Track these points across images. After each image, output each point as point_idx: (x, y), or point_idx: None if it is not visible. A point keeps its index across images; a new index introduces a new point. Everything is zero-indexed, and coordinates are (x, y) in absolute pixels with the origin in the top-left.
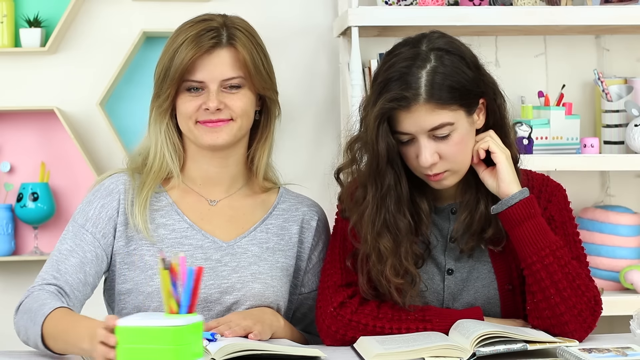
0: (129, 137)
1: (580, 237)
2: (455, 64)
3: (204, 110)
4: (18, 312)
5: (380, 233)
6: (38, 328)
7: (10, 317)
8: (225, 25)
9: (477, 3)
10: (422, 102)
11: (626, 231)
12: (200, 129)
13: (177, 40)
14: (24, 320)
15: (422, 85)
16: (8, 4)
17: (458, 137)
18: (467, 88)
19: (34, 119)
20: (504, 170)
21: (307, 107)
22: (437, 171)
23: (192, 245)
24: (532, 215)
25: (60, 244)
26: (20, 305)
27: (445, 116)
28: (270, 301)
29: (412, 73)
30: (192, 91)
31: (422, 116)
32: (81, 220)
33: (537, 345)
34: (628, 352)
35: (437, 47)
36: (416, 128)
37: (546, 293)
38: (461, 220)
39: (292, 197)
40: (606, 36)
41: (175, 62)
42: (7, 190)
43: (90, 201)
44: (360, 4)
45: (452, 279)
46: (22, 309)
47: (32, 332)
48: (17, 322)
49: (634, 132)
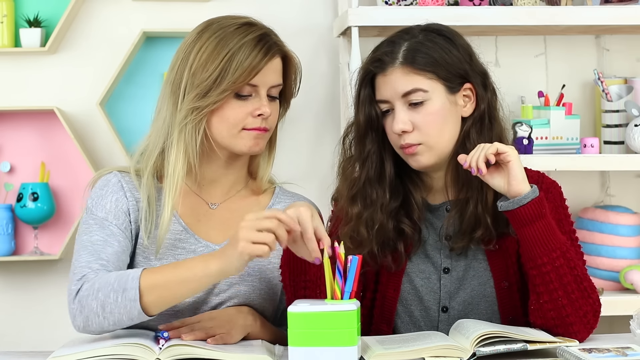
0: (129, 137)
1: (576, 234)
2: (440, 42)
3: (255, 116)
4: (82, 296)
5: (354, 198)
6: (134, 288)
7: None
8: (268, 34)
9: (477, 3)
10: (397, 65)
11: (626, 231)
12: (246, 136)
13: (229, 43)
14: (102, 294)
15: (400, 51)
16: (8, 4)
17: (432, 108)
18: (447, 62)
19: (34, 119)
20: (516, 168)
21: (307, 107)
22: (410, 141)
23: (185, 249)
24: (542, 215)
25: (89, 236)
26: (80, 290)
27: (420, 82)
28: (255, 303)
29: (396, 43)
30: (242, 98)
31: (396, 79)
32: (101, 214)
33: (537, 345)
34: (628, 352)
35: (429, 28)
36: (391, 92)
37: (554, 295)
38: (452, 216)
39: (287, 196)
40: (606, 36)
41: (237, 66)
42: (7, 190)
43: (103, 195)
44: (360, 4)
45: (449, 278)
46: (90, 289)
47: (123, 297)
48: (86, 303)
49: (634, 132)
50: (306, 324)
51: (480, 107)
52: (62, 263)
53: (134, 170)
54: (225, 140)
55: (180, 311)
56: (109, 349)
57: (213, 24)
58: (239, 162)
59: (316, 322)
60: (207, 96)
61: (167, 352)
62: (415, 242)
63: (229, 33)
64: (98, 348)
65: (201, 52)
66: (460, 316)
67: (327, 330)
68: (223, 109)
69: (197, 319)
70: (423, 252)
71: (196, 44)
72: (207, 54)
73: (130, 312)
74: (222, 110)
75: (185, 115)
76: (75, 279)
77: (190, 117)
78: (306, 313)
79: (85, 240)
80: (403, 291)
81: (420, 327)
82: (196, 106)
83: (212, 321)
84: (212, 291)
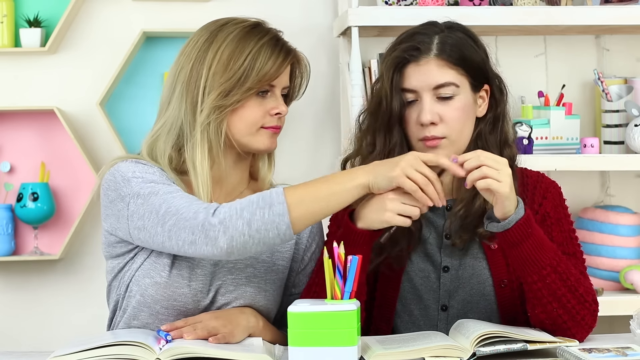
0: (129, 137)
1: (576, 233)
2: (466, 40)
3: (273, 115)
4: (224, 217)
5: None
6: (281, 202)
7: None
8: (279, 35)
9: (477, 3)
10: (432, 56)
11: (626, 231)
12: (264, 134)
13: (249, 43)
14: (247, 213)
15: (434, 43)
16: (8, 4)
17: (460, 103)
18: (475, 61)
19: (34, 119)
20: (500, 196)
21: (307, 107)
22: (435, 134)
23: None
24: (529, 234)
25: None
26: (217, 212)
27: (452, 76)
28: (260, 305)
29: (426, 34)
30: (261, 95)
31: (430, 70)
32: (156, 177)
33: (537, 345)
34: (628, 352)
35: (454, 26)
36: (422, 83)
37: (548, 307)
38: (456, 212)
39: None
40: (606, 36)
41: (261, 65)
42: (7, 190)
43: (144, 170)
44: (360, 4)
45: (448, 276)
46: (232, 210)
47: (270, 212)
48: (230, 223)
49: (634, 132)
50: (306, 324)
51: (496, 109)
52: (62, 263)
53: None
54: (244, 139)
55: (184, 311)
56: (109, 348)
57: (227, 23)
58: (244, 163)
59: (316, 322)
60: (230, 95)
61: (167, 351)
62: (416, 239)
63: (245, 34)
64: (98, 348)
65: (220, 52)
66: (460, 315)
67: (327, 330)
68: (243, 107)
69: (200, 318)
70: (423, 251)
71: (212, 44)
72: (227, 54)
73: (279, 227)
74: (243, 109)
75: (208, 114)
76: (200, 209)
77: (213, 116)
78: (306, 313)
79: (163, 192)
80: (402, 290)
81: (420, 326)
82: (219, 105)
83: (214, 320)
84: (219, 291)
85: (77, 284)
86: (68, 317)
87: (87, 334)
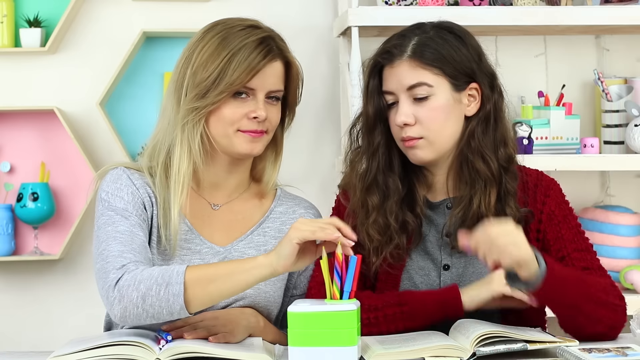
0: (129, 137)
1: (582, 227)
2: (451, 39)
3: (250, 119)
4: (122, 286)
5: (369, 188)
6: (178, 282)
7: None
8: (272, 37)
9: (477, 3)
10: (405, 58)
11: (626, 231)
12: (240, 137)
13: (230, 44)
14: (144, 286)
15: (410, 45)
16: (8, 4)
17: (436, 103)
18: (455, 60)
19: (34, 119)
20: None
21: (307, 107)
22: (411, 134)
23: (190, 249)
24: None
25: (114, 227)
26: (120, 279)
27: (425, 76)
28: (261, 306)
29: (407, 37)
30: (238, 96)
31: (403, 72)
32: (121, 204)
33: (537, 345)
34: (628, 352)
35: (441, 25)
36: (397, 85)
37: (576, 322)
38: (455, 214)
39: (289, 199)
40: (606, 36)
41: (235, 67)
42: (7, 190)
43: (119, 188)
44: (360, 4)
45: (449, 275)
46: (132, 280)
47: (166, 291)
48: (126, 293)
49: (634, 132)
50: (306, 324)
51: (486, 107)
52: (62, 263)
53: (147, 169)
54: (223, 141)
55: None
56: (109, 348)
57: (218, 24)
58: (241, 166)
59: (316, 322)
60: (205, 97)
61: (167, 351)
62: (416, 236)
63: (232, 34)
64: (98, 348)
65: (202, 52)
66: None
67: (327, 330)
68: (220, 109)
69: (200, 318)
70: (423, 249)
71: (199, 43)
72: (207, 54)
73: (172, 307)
74: (219, 110)
75: (185, 115)
76: (115, 268)
77: (190, 116)
78: (306, 313)
79: (111, 230)
80: (402, 288)
81: None
82: (195, 106)
83: (214, 320)
84: None
85: (77, 284)
86: (68, 317)
87: (87, 334)
